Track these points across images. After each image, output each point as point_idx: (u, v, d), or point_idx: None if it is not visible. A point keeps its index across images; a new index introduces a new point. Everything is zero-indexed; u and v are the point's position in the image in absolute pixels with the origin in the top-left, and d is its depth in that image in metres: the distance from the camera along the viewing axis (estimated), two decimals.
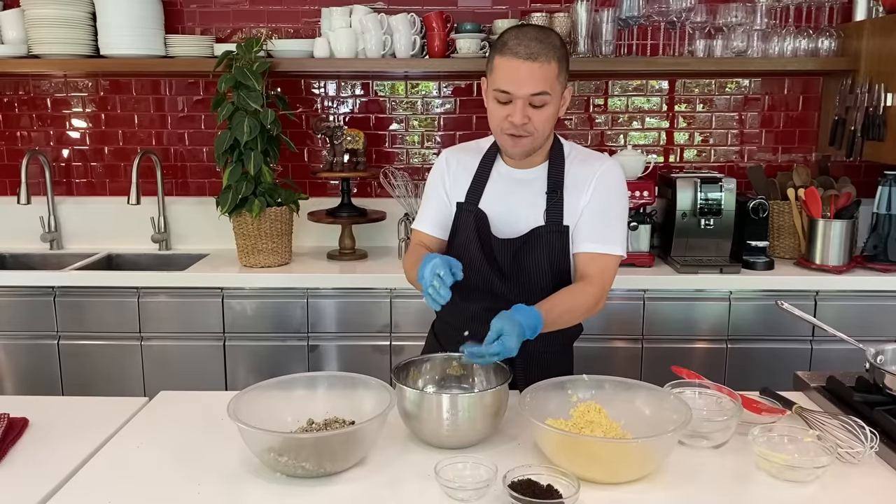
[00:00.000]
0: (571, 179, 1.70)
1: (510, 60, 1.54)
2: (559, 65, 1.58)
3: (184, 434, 1.49)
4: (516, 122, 1.57)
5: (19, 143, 3.24)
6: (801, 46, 2.88)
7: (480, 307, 1.69)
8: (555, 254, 1.69)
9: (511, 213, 1.71)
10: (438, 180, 1.80)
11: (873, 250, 2.76)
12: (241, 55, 2.72)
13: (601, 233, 1.68)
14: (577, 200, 1.69)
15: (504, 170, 1.75)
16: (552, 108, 1.60)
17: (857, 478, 1.32)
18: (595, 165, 1.71)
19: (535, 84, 1.54)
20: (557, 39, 1.60)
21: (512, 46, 1.55)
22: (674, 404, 1.39)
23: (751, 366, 2.70)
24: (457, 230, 1.76)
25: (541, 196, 1.70)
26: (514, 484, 1.21)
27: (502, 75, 1.56)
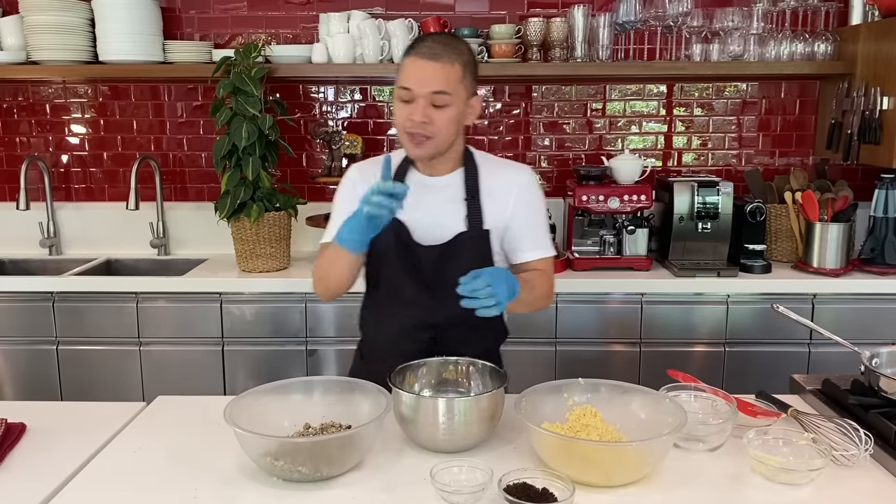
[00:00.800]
0: (487, 186, 1.72)
1: (414, 60, 1.58)
2: (463, 69, 1.61)
3: (181, 439, 1.49)
4: (416, 119, 1.58)
5: (18, 149, 3.25)
6: (797, 50, 2.89)
7: (409, 322, 1.71)
8: (478, 258, 1.69)
9: (430, 220, 1.70)
10: (351, 193, 1.75)
11: (870, 253, 2.77)
12: (239, 61, 2.74)
13: (539, 240, 1.76)
14: (495, 207, 1.71)
15: (417, 178, 1.73)
16: (454, 110, 1.61)
17: (851, 480, 1.32)
18: (512, 175, 1.75)
19: (435, 82, 1.57)
20: (466, 47, 1.64)
21: (418, 48, 1.59)
22: (669, 407, 1.40)
23: (748, 369, 2.70)
24: (376, 242, 1.68)
25: (457, 202, 1.71)
26: (510, 487, 1.21)
27: (406, 74, 1.59)
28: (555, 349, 2.72)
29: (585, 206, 2.79)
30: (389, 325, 1.74)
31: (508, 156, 3.22)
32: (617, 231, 2.84)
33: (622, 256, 2.84)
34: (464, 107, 1.64)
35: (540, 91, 3.18)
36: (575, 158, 3.22)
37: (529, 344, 2.71)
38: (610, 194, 2.78)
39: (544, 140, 3.22)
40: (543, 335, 2.71)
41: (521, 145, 3.22)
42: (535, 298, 1.73)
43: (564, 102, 3.19)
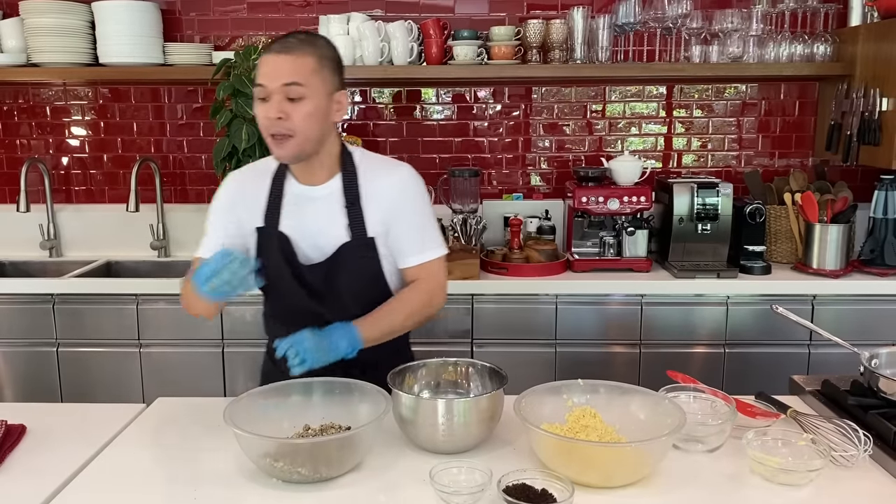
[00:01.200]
0: (367, 189, 1.66)
1: (266, 56, 1.55)
2: (318, 61, 1.55)
3: (181, 440, 1.49)
4: (272, 116, 1.53)
5: (19, 151, 3.25)
6: (796, 52, 2.89)
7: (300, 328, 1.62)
8: (365, 266, 1.67)
9: (313, 233, 1.66)
10: (228, 205, 1.71)
11: (870, 254, 2.77)
12: (239, 63, 2.74)
13: (421, 244, 1.69)
14: (377, 211, 1.65)
15: (297, 189, 1.67)
16: (311, 103, 1.54)
17: (850, 481, 1.32)
18: (391, 175, 1.69)
19: (286, 74, 1.52)
20: (324, 42, 1.61)
21: (272, 45, 1.56)
22: (668, 408, 1.40)
23: (749, 370, 2.70)
24: (263, 256, 1.67)
25: (339, 211, 1.65)
26: (509, 488, 1.21)
27: (259, 71, 1.55)
28: (555, 350, 2.72)
29: (585, 207, 2.80)
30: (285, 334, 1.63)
31: (509, 158, 3.23)
32: (617, 232, 2.84)
33: (622, 258, 2.84)
34: (325, 101, 1.57)
35: (540, 93, 3.18)
36: (575, 160, 3.23)
37: (529, 345, 2.71)
38: (610, 196, 2.78)
39: (544, 141, 3.22)
40: (543, 336, 2.71)
41: (521, 147, 3.23)
42: (407, 317, 1.68)
43: (564, 104, 3.19)
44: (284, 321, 1.68)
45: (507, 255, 2.85)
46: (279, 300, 1.73)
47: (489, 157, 3.23)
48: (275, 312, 1.77)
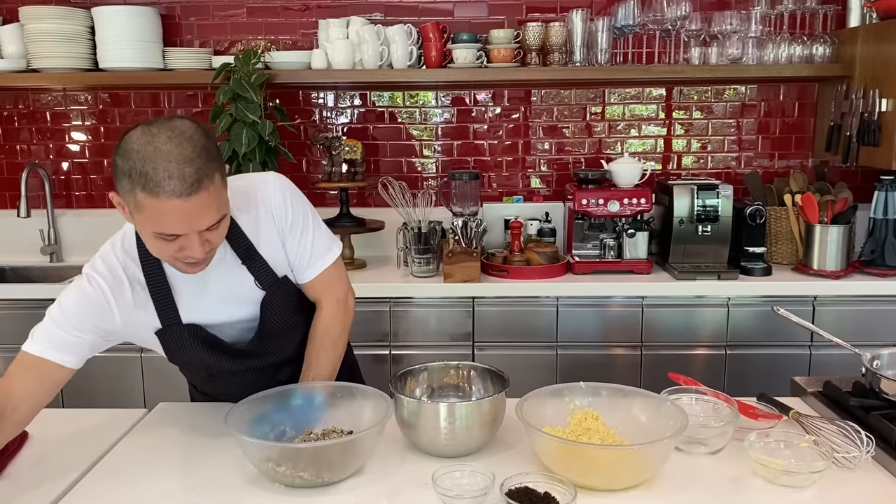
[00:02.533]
0: (251, 228, 1.48)
1: (167, 202, 1.21)
2: (220, 174, 1.29)
3: (182, 445, 1.49)
4: (198, 255, 1.31)
5: (19, 156, 3.25)
6: (795, 53, 2.89)
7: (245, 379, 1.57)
8: (289, 301, 1.56)
9: (223, 305, 1.49)
10: (96, 311, 1.41)
11: (870, 255, 2.77)
12: (239, 67, 2.74)
13: (312, 255, 1.55)
14: (272, 241, 1.50)
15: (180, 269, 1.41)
16: (226, 219, 1.35)
17: (853, 482, 1.32)
18: (262, 193, 1.49)
19: (210, 216, 1.28)
20: (201, 136, 1.27)
21: (161, 183, 1.20)
22: (670, 411, 1.40)
23: (750, 372, 2.70)
24: (175, 352, 1.51)
25: (237, 268, 1.48)
26: (512, 492, 1.21)
27: (161, 219, 1.24)
28: (556, 353, 2.72)
29: (585, 209, 2.80)
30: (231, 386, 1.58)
31: (509, 160, 3.23)
32: (617, 234, 2.85)
33: (622, 260, 2.84)
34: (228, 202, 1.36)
35: (539, 95, 3.19)
36: (575, 162, 3.23)
37: (531, 348, 2.71)
38: (610, 198, 2.78)
39: (544, 144, 3.23)
40: (544, 339, 2.71)
41: (520, 149, 3.23)
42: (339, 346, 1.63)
43: (564, 106, 3.19)
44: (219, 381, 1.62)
45: (507, 257, 2.85)
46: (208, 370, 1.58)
47: (489, 159, 3.24)
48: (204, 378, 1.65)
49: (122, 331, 1.46)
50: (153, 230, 1.28)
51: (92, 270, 1.44)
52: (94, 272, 1.43)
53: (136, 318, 1.44)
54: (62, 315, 1.40)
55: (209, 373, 1.59)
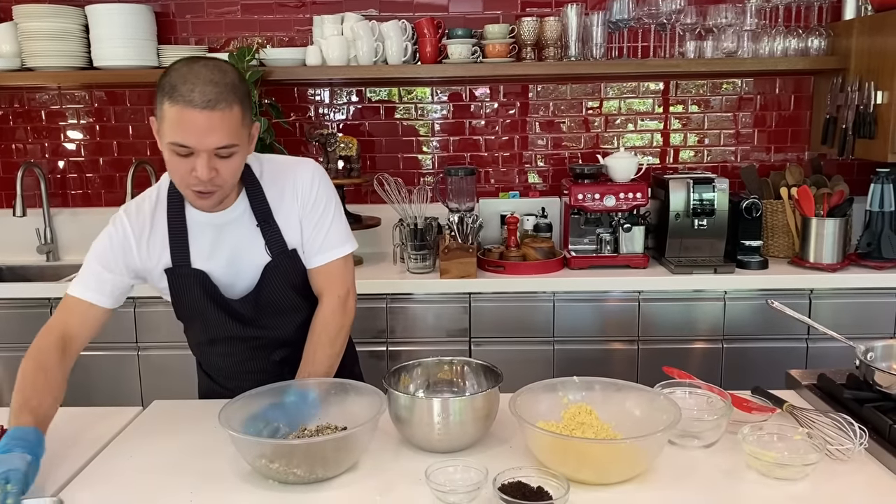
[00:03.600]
0: (275, 198, 1.57)
1: (185, 110, 1.34)
2: (241, 108, 1.40)
3: (177, 442, 1.49)
4: (203, 177, 1.39)
5: (14, 155, 3.25)
6: (791, 46, 2.89)
7: (242, 348, 1.65)
8: (295, 278, 1.62)
9: (230, 261, 1.56)
10: (119, 247, 1.54)
11: (867, 248, 2.77)
12: (234, 64, 2.73)
13: (326, 241, 1.61)
14: (291, 216, 1.58)
15: (202, 217, 1.54)
16: (240, 156, 1.44)
17: (846, 475, 1.32)
18: (297, 173, 1.59)
19: (219, 137, 1.36)
20: (234, 76, 1.41)
21: (184, 92, 1.34)
22: (664, 404, 1.40)
23: (747, 365, 2.70)
24: (179, 297, 1.58)
25: (253, 230, 1.56)
26: (505, 486, 1.21)
27: (177, 127, 1.36)
28: (552, 348, 2.72)
29: (581, 204, 2.79)
30: (227, 357, 1.67)
31: (505, 156, 3.23)
32: (613, 229, 2.84)
33: (619, 254, 2.83)
34: (248, 146, 1.47)
35: (536, 90, 3.18)
36: (571, 157, 3.23)
37: (527, 343, 2.71)
38: (606, 192, 2.78)
39: (541, 139, 3.22)
40: (541, 334, 2.71)
41: (517, 145, 3.23)
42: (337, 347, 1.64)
43: (560, 101, 3.19)
44: (217, 347, 1.67)
45: (503, 253, 2.85)
46: (207, 333, 1.64)
47: (486, 155, 3.24)
48: (203, 340, 1.69)
49: (142, 267, 1.56)
50: (170, 140, 1.38)
51: (120, 211, 1.58)
52: (122, 212, 1.57)
53: (153, 254, 1.55)
54: (93, 257, 1.55)
55: (209, 336, 1.64)
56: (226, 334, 1.62)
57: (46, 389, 1.45)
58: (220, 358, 1.68)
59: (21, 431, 1.32)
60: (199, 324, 1.64)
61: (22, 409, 1.38)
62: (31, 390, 1.43)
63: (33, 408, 1.38)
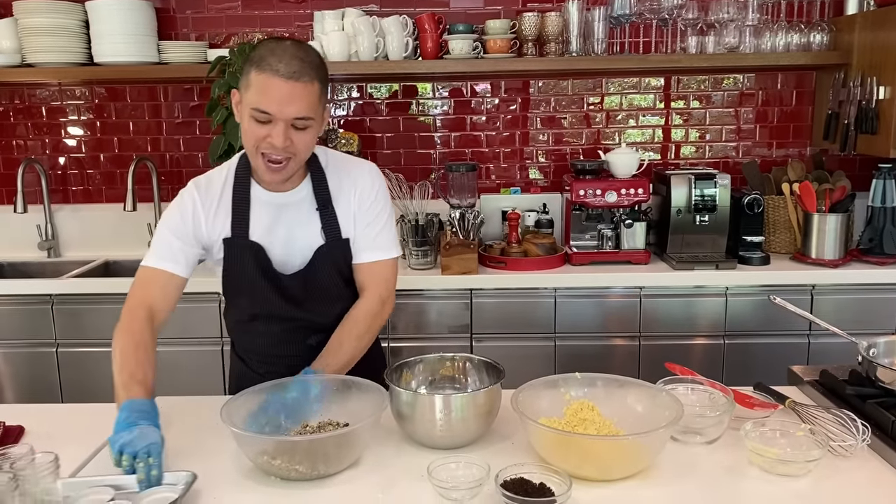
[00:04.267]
0: (335, 189, 1.65)
1: (271, 78, 1.43)
2: (321, 86, 1.50)
3: (178, 439, 1.49)
4: (278, 144, 1.47)
5: (15, 152, 3.25)
6: (793, 41, 2.88)
7: (281, 328, 1.68)
8: (342, 265, 1.67)
9: (286, 239, 1.63)
10: (189, 218, 1.61)
11: (869, 243, 2.76)
12: (234, 60, 2.73)
13: (376, 241, 1.68)
14: (347, 209, 1.66)
15: (265, 196, 1.62)
16: (314, 131, 1.52)
17: (849, 471, 1.32)
18: (358, 173, 1.68)
19: (298, 107, 1.46)
20: (317, 57, 1.51)
21: (271, 63, 1.44)
22: (666, 401, 1.40)
23: (748, 361, 2.70)
24: (233, 267, 1.63)
25: (311, 214, 1.64)
26: (507, 483, 1.21)
27: (261, 94, 1.45)
28: (554, 344, 2.72)
29: (583, 200, 2.79)
30: (264, 336, 1.70)
31: (507, 151, 3.22)
32: (615, 225, 2.84)
33: (620, 250, 2.83)
34: (320, 124, 1.55)
35: (537, 86, 3.18)
36: (573, 153, 3.22)
37: (528, 339, 2.71)
38: (607, 188, 2.77)
39: (542, 135, 3.22)
40: (542, 330, 2.71)
41: (518, 141, 3.22)
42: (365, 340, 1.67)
43: (562, 97, 3.18)
44: (256, 325, 1.68)
45: (505, 249, 2.85)
46: (251, 307, 1.67)
47: (487, 151, 3.23)
48: (245, 317, 1.70)
49: (207, 238, 1.62)
50: (252, 106, 1.45)
51: (190, 184, 1.64)
52: (192, 185, 1.64)
53: (217, 225, 1.61)
54: (165, 228, 1.60)
55: (252, 311, 1.66)
56: (268, 311, 1.65)
57: (148, 363, 1.49)
58: (258, 338, 1.70)
59: (138, 403, 1.36)
60: (245, 298, 1.66)
61: (130, 382, 1.42)
62: (134, 364, 1.45)
63: (140, 380, 1.42)
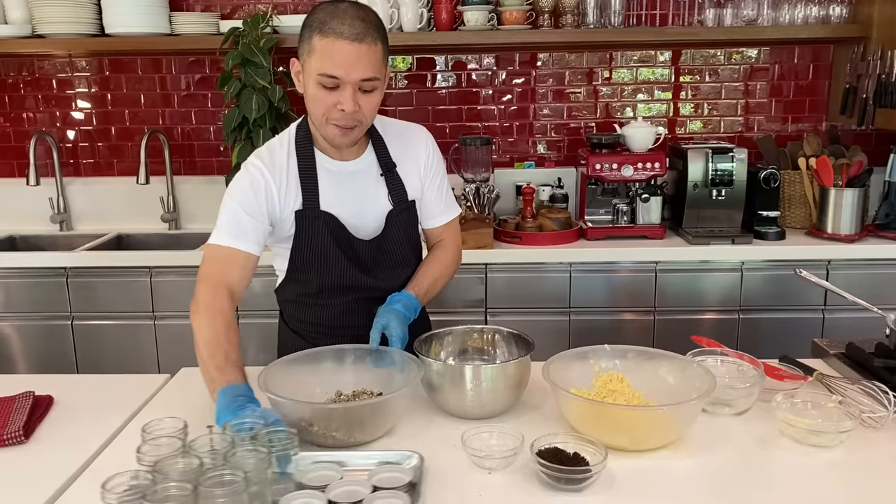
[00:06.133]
0: (397, 154, 1.67)
1: (335, 42, 1.41)
2: (383, 46, 1.48)
3: (209, 408, 1.49)
4: (348, 109, 1.46)
5: (25, 124, 3.22)
6: (811, 14, 2.85)
7: (349, 299, 1.67)
8: (410, 229, 1.71)
9: (356, 207, 1.63)
10: (262, 194, 1.56)
11: (885, 218, 2.76)
12: (247, 31, 2.70)
13: (444, 203, 1.76)
14: (411, 173, 1.68)
15: (332, 165, 1.61)
16: (379, 93, 1.51)
17: (881, 442, 1.32)
18: (415, 137, 1.71)
19: (365, 68, 1.44)
20: (377, 17, 1.49)
21: (334, 26, 1.42)
22: (697, 372, 1.40)
23: (763, 336, 2.70)
24: (306, 239, 1.61)
25: (376, 180, 1.65)
26: (541, 452, 1.22)
27: (327, 58, 1.43)
28: (568, 318, 2.72)
29: (599, 174, 2.78)
30: (331, 308, 1.68)
31: (518, 125, 3.20)
32: (630, 199, 2.83)
33: (636, 225, 2.82)
34: (384, 85, 1.54)
35: (549, 60, 3.15)
36: (586, 127, 3.20)
37: (543, 314, 2.71)
38: (623, 162, 2.76)
39: (554, 108, 3.19)
40: (557, 304, 2.71)
41: (531, 114, 3.20)
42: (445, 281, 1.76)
43: (575, 70, 3.16)
44: (323, 299, 1.67)
45: (520, 223, 2.84)
46: (321, 279, 1.64)
47: (499, 125, 3.21)
48: (312, 290, 1.67)
49: (279, 211, 1.58)
50: (319, 71, 1.44)
51: (253, 157, 1.60)
52: (254, 158, 1.60)
53: (286, 196, 1.58)
54: (235, 205, 1.55)
55: (320, 284, 1.64)
56: (339, 282, 1.64)
57: (238, 345, 1.44)
58: (323, 310, 1.69)
59: (242, 388, 1.31)
60: (313, 272, 1.64)
61: (226, 365, 1.36)
62: (228, 346, 1.40)
63: (235, 362, 1.37)
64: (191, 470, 1.03)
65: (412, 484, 1.15)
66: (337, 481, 1.14)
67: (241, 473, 0.99)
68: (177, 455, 1.08)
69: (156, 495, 0.97)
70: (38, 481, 1.23)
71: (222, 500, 0.96)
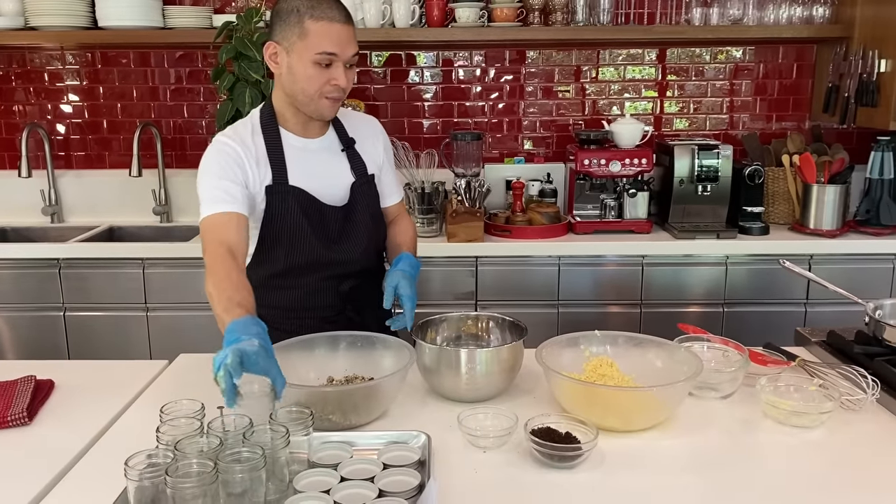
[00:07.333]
0: (353, 134, 1.80)
1: (330, 24, 1.56)
2: None
3: (207, 393, 1.51)
4: (342, 84, 1.60)
5: (17, 116, 3.23)
6: (795, 14, 2.91)
7: (316, 278, 1.72)
8: (372, 203, 1.81)
9: (321, 181, 1.71)
10: (233, 163, 1.60)
11: (866, 214, 2.82)
12: (241, 25, 2.72)
13: (395, 185, 1.92)
14: (368, 152, 1.81)
15: (297, 142, 1.70)
16: (355, 67, 1.69)
17: (859, 423, 1.38)
18: (372, 125, 1.87)
19: (354, 46, 1.61)
20: None
21: (325, 11, 1.57)
22: (685, 357, 1.44)
23: (746, 328, 2.76)
24: (276, 214, 1.66)
25: (338, 155, 1.76)
26: (535, 431, 1.26)
27: (325, 39, 1.56)
28: (557, 311, 2.77)
29: (587, 170, 2.82)
30: (297, 290, 1.72)
31: (508, 122, 3.25)
32: (618, 195, 2.88)
33: (623, 220, 2.87)
34: None
35: (537, 57, 3.19)
36: (574, 124, 3.25)
37: (532, 306, 2.75)
38: (611, 158, 2.81)
39: (543, 106, 3.24)
40: (545, 297, 2.76)
41: (520, 111, 3.24)
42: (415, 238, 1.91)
43: (564, 67, 3.20)
44: (289, 280, 1.70)
45: (509, 217, 2.88)
46: (288, 258, 1.68)
47: (489, 121, 3.25)
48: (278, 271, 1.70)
49: (251, 184, 1.63)
50: (316, 51, 1.56)
51: (219, 136, 1.67)
52: (220, 136, 1.66)
53: (256, 171, 1.64)
54: (213, 176, 1.60)
55: (288, 263, 1.68)
56: (305, 259, 1.69)
57: (245, 288, 1.44)
58: (290, 291, 1.72)
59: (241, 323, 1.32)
60: (281, 249, 1.68)
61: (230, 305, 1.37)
62: (231, 290, 1.41)
63: (239, 301, 1.38)
64: (210, 449, 1.07)
65: (421, 462, 1.19)
66: (348, 459, 1.18)
67: (260, 450, 1.03)
68: (196, 434, 1.12)
69: (178, 472, 1.01)
70: (43, 461, 1.26)
71: (241, 476, 0.99)
